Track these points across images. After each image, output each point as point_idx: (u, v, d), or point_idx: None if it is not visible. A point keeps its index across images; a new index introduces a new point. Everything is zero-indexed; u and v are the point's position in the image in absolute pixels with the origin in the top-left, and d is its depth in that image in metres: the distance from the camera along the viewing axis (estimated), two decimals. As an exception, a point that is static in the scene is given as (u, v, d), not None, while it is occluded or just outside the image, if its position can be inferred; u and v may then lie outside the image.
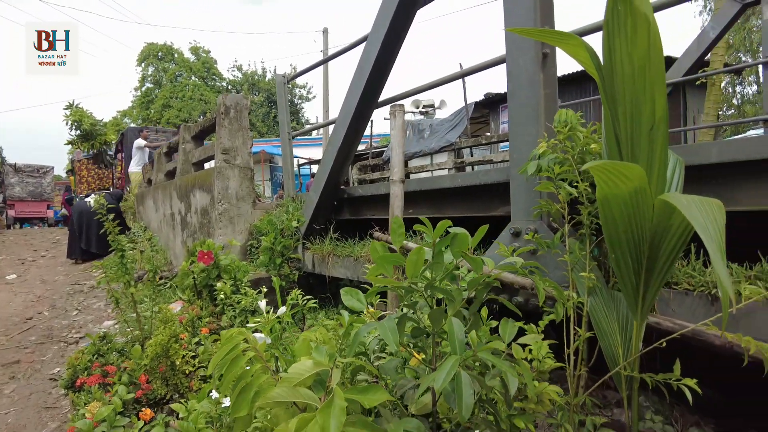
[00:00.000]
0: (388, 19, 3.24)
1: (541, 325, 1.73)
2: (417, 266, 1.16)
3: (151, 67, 35.36)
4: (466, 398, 1.10)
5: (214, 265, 3.57)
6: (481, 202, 3.19)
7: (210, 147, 5.60)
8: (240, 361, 1.19)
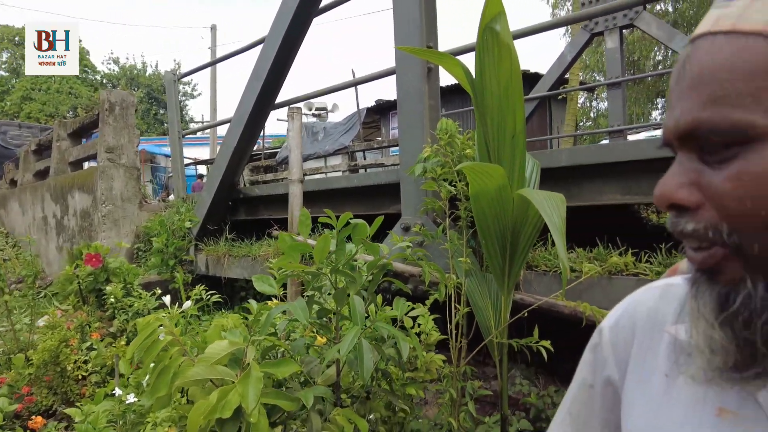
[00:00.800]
0: (285, 25, 3.37)
1: (427, 304, 1.99)
2: (324, 252, 1.34)
3: (6, 52, 31.40)
4: (366, 362, 1.30)
5: (103, 269, 3.42)
6: (375, 201, 3.44)
7: (90, 145, 5.27)
8: (158, 345, 1.28)
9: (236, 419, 1.20)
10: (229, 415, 1.15)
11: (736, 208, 0.38)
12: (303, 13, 3.33)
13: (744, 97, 0.36)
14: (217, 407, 1.15)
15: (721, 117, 0.37)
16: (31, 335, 3.28)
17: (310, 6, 3.32)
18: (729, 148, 0.38)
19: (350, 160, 10.30)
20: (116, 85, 32.57)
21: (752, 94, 0.36)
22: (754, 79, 0.36)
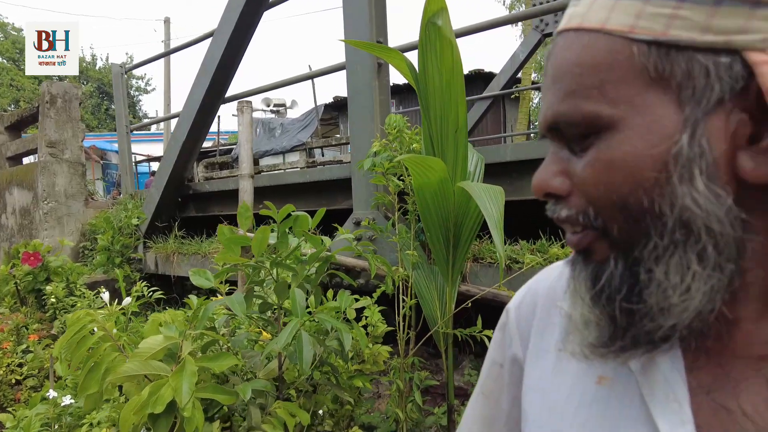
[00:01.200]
0: (235, 18, 3.31)
1: (374, 297, 2.01)
2: (262, 244, 1.33)
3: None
4: (305, 354, 1.29)
5: (43, 267, 3.28)
6: (328, 196, 3.43)
7: (30, 139, 5.02)
8: (88, 341, 1.24)
9: (170, 414, 1.18)
10: (161, 409, 1.12)
11: (594, 193, 0.40)
12: (252, 6, 3.28)
13: (591, 90, 0.39)
14: (149, 402, 1.13)
15: (574, 109, 0.40)
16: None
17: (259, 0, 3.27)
18: (586, 138, 0.40)
19: (308, 157, 10.21)
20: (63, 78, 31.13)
21: (597, 87, 0.38)
22: (597, 72, 0.38)
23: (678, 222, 0.37)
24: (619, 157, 0.38)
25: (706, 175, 0.36)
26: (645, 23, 0.37)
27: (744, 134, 0.36)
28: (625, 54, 0.37)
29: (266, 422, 1.37)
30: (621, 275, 0.40)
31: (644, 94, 0.37)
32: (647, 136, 0.37)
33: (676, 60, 0.36)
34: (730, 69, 0.35)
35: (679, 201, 0.36)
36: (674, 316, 0.38)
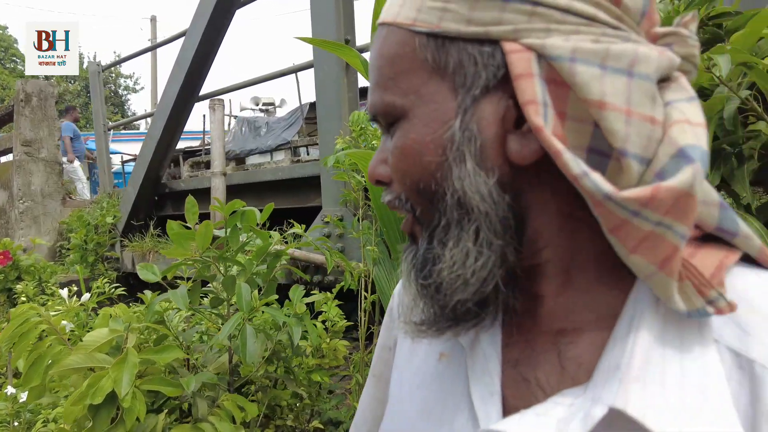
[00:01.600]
0: (207, 16, 3.32)
1: (333, 292, 2.03)
2: (206, 239, 1.35)
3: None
4: (249, 347, 1.32)
5: (13, 266, 3.27)
6: (301, 193, 3.46)
7: (6, 138, 5.00)
8: (32, 334, 1.25)
9: (111, 406, 1.20)
10: (99, 400, 1.14)
11: (397, 178, 0.44)
12: (224, 5, 3.30)
13: (388, 81, 0.42)
14: (88, 393, 1.15)
15: (378, 99, 0.43)
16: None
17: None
18: (393, 127, 0.43)
19: (293, 156, 10.20)
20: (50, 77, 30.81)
21: (392, 78, 0.41)
22: (392, 64, 0.41)
23: (455, 202, 0.40)
24: (409, 143, 0.41)
25: (474, 158, 0.39)
26: (424, 16, 0.40)
27: (511, 119, 0.39)
28: (411, 46, 0.40)
29: (214, 414, 1.39)
30: (423, 253, 0.43)
31: (428, 84, 0.40)
32: (430, 123, 0.40)
33: (449, 50, 0.39)
34: (492, 57, 0.38)
35: (454, 183, 0.40)
36: (459, 292, 0.41)
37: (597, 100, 0.35)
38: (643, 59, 0.36)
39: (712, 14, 1.24)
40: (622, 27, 0.38)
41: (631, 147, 0.35)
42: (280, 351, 1.70)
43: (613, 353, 0.38)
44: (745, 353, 0.36)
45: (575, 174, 0.35)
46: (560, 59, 0.36)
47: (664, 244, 0.35)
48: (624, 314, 0.40)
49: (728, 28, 1.19)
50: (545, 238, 0.42)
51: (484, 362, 0.46)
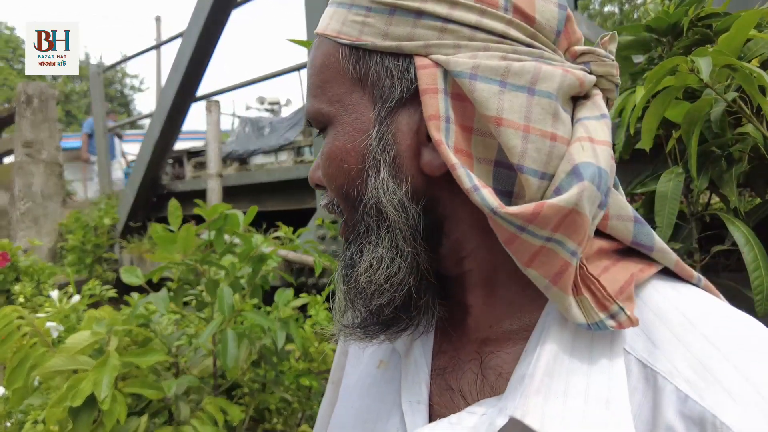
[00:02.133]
0: (203, 16, 3.34)
1: (323, 295, 2.04)
2: (188, 243, 1.36)
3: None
4: (230, 351, 1.32)
5: (12, 267, 3.30)
6: (297, 195, 3.46)
7: (8, 140, 5.04)
8: (15, 336, 1.27)
9: (91, 408, 1.21)
10: (79, 403, 1.15)
11: (325, 182, 0.45)
12: (221, 6, 3.31)
13: (316, 89, 0.43)
14: (68, 395, 1.16)
15: (309, 105, 0.44)
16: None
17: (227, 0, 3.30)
18: (323, 133, 0.45)
19: (296, 156, 10.23)
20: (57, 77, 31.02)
21: (320, 86, 0.43)
22: (320, 73, 0.43)
23: (372, 209, 0.41)
24: (332, 150, 0.43)
25: (388, 167, 0.40)
26: (347, 29, 0.41)
27: (424, 131, 0.40)
28: (336, 56, 0.42)
29: (196, 417, 1.40)
30: (347, 258, 0.45)
31: (351, 94, 0.42)
32: (350, 132, 0.42)
33: (368, 62, 0.41)
34: (406, 71, 0.40)
35: (371, 190, 0.41)
36: (376, 296, 0.42)
37: (494, 116, 0.36)
38: (545, 77, 0.37)
39: (701, 15, 1.23)
40: (536, 45, 0.39)
41: (528, 162, 0.36)
42: (268, 355, 1.70)
43: (523, 365, 0.39)
44: (651, 365, 0.36)
45: (467, 188, 0.36)
46: (461, 75, 0.37)
47: (556, 259, 0.36)
48: (537, 326, 0.41)
49: (717, 29, 1.18)
50: (466, 248, 0.43)
51: (415, 370, 0.47)
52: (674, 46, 1.52)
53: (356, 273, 0.43)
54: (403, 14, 0.39)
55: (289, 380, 1.88)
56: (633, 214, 0.41)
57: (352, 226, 0.44)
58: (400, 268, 0.41)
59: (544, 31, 0.39)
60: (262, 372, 1.79)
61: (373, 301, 0.42)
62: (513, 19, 0.38)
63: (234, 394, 1.82)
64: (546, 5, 0.39)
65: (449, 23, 0.38)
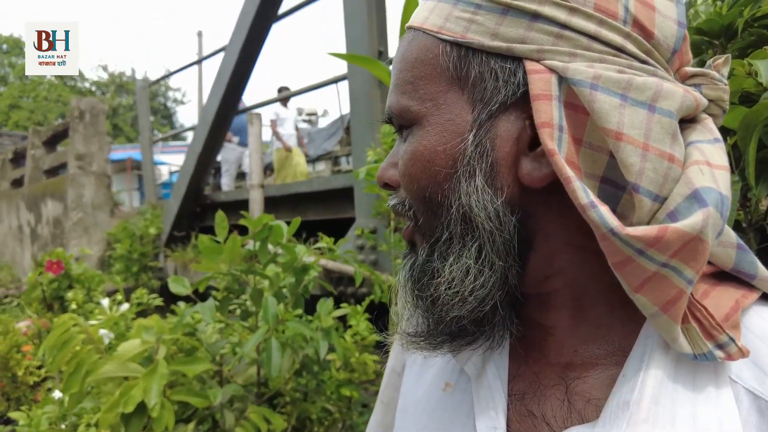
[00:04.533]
0: (244, 33, 3.43)
1: (363, 306, 2.04)
2: (233, 253, 1.38)
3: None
4: (274, 360, 1.33)
5: (65, 275, 3.44)
6: (336, 205, 3.49)
7: (63, 153, 5.29)
8: (71, 343, 1.31)
9: (141, 415, 1.23)
10: (130, 409, 1.18)
11: (404, 183, 0.42)
12: (262, 20, 3.39)
13: (407, 84, 0.41)
14: (120, 402, 1.19)
15: (395, 101, 0.42)
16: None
17: (268, 13, 3.37)
18: (406, 131, 0.42)
19: (333, 166, 10.34)
20: (105, 92, 32.52)
21: (412, 82, 0.41)
22: (413, 68, 0.41)
23: (460, 216, 0.39)
24: (420, 150, 0.40)
25: (484, 174, 0.38)
26: (450, 25, 0.39)
27: (526, 140, 0.38)
28: (435, 52, 0.40)
29: (241, 426, 1.42)
30: (422, 264, 0.42)
31: (446, 93, 0.39)
32: (443, 133, 0.39)
33: (471, 62, 0.38)
34: (513, 75, 0.37)
35: (461, 197, 0.39)
36: (455, 308, 0.40)
37: (614, 130, 0.34)
38: (666, 95, 0.35)
39: (758, 15, 1.18)
40: (650, 62, 0.37)
41: (644, 183, 0.35)
42: (310, 364, 1.71)
43: (622, 391, 0.37)
44: (764, 395, 0.34)
45: (583, 204, 0.34)
46: (581, 84, 0.35)
47: (668, 287, 0.34)
48: (635, 350, 0.38)
49: (776, 30, 1.12)
50: (554, 266, 0.41)
51: (489, 394, 0.44)
52: (728, 48, 1.46)
53: (436, 282, 0.40)
54: (517, 15, 0.37)
55: (330, 390, 1.88)
56: (736, 240, 0.39)
57: (429, 231, 0.42)
58: (487, 282, 0.39)
59: (660, 48, 0.37)
60: (304, 381, 1.80)
61: (451, 312, 0.40)
62: (631, 32, 0.36)
63: (276, 402, 1.83)
64: (666, 21, 0.37)
65: (566, 30, 0.36)
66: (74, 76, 32.52)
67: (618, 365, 0.39)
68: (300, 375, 1.77)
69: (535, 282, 0.42)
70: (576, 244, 0.40)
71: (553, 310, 0.42)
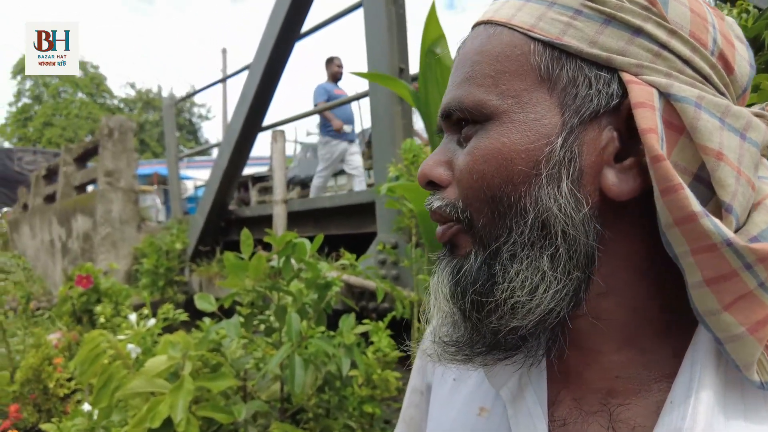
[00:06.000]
0: (267, 52, 3.50)
1: (384, 322, 2.04)
2: (258, 270, 1.40)
3: (29, 80, 32.53)
4: (298, 377, 1.35)
5: (94, 289, 3.53)
6: (357, 220, 3.51)
7: (93, 170, 5.45)
8: (101, 359, 1.35)
9: (168, 430, 1.25)
10: (157, 424, 1.20)
11: (466, 182, 0.41)
12: (285, 39, 3.46)
13: (486, 78, 0.40)
14: (147, 417, 1.21)
15: (467, 94, 0.41)
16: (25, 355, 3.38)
17: (291, 33, 3.45)
18: (473, 126, 0.41)
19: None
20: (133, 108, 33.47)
21: (492, 76, 0.40)
22: (495, 63, 0.40)
23: (538, 221, 0.38)
24: (497, 147, 0.39)
25: (571, 181, 0.38)
26: (545, 25, 0.39)
27: (612, 151, 0.38)
28: (524, 50, 0.39)
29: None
30: (478, 268, 0.41)
31: (532, 92, 0.39)
32: (526, 132, 0.38)
33: (565, 65, 0.38)
34: (608, 85, 0.38)
35: (543, 200, 0.38)
36: (519, 317, 0.39)
37: (716, 149, 0.35)
38: (756, 127, 0.37)
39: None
40: (727, 95, 0.38)
41: (736, 204, 0.35)
42: (332, 380, 1.72)
43: (672, 417, 0.36)
44: None
45: (696, 212, 0.33)
46: (686, 101, 0.35)
47: (760, 307, 0.34)
48: (681, 376, 0.38)
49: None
50: (610, 286, 0.40)
51: (529, 421, 0.43)
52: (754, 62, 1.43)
53: (500, 287, 0.39)
54: (619, 27, 0.37)
55: (353, 406, 1.88)
56: None
57: (491, 234, 0.40)
58: (560, 292, 0.38)
59: (735, 84, 0.39)
60: (327, 397, 1.80)
61: (511, 322, 0.39)
62: (716, 64, 0.38)
63: (299, 418, 1.83)
64: (742, 61, 0.39)
65: (665, 50, 0.37)
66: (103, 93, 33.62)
67: (663, 392, 0.38)
68: (323, 391, 1.78)
69: (587, 301, 0.40)
70: (635, 266, 0.39)
71: (602, 332, 0.41)
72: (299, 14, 3.40)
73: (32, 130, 30.70)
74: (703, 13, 0.38)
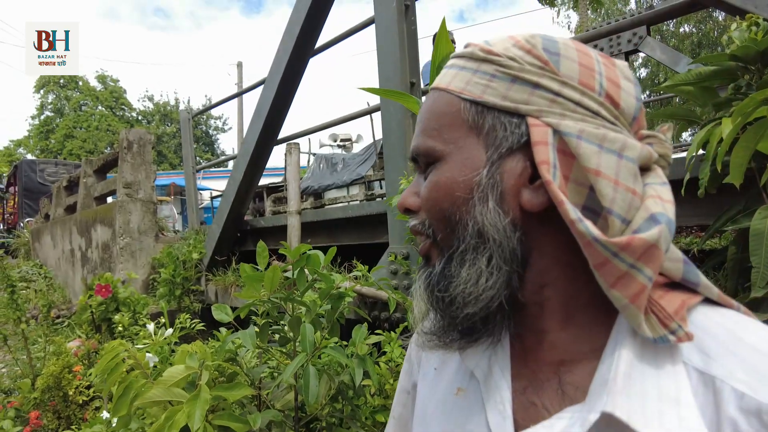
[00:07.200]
0: (282, 67, 3.57)
1: (397, 332, 2.06)
2: (273, 282, 1.44)
3: (51, 94, 33.35)
4: (312, 387, 1.37)
5: (113, 298, 3.60)
6: (370, 230, 3.54)
7: (112, 181, 5.57)
8: (120, 368, 1.39)
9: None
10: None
11: (426, 206, 0.54)
12: (299, 55, 3.53)
13: (433, 131, 0.53)
14: (165, 426, 1.25)
15: (423, 142, 0.54)
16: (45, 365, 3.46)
17: (306, 47, 3.51)
18: (431, 166, 0.54)
19: (367, 190, 10.45)
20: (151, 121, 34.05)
21: (437, 129, 0.53)
22: (439, 118, 0.53)
23: (475, 232, 0.50)
24: (443, 180, 0.52)
25: (495, 200, 0.50)
26: (471, 88, 0.52)
27: (526, 176, 0.50)
28: (457, 107, 0.52)
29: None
30: (440, 272, 0.53)
31: (465, 138, 0.52)
32: (462, 168, 0.51)
33: (486, 116, 0.51)
34: (519, 127, 0.50)
35: (477, 216, 0.50)
36: (470, 305, 0.50)
37: (594, 168, 0.46)
38: (630, 147, 0.48)
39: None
40: (617, 124, 0.49)
41: (615, 208, 0.46)
42: (345, 390, 1.74)
43: (601, 373, 0.47)
44: (708, 372, 0.43)
45: (572, 219, 0.45)
46: (570, 135, 0.47)
47: (635, 283, 0.45)
48: (609, 343, 0.48)
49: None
50: (547, 278, 0.51)
51: (497, 392, 0.53)
52: (765, 74, 1.44)
53: (454, 284, 0.51)
54: (523, 84, 0.49)
55: (365, 416, 1.90)
56: (682, 257, 0.49)
57: (447, 244, 0.52)
58: (495, 283, 0.49)
59: (624, 115, 0.50)
60: (340, 407, 1.83)
61: (465, 309, 0.50)
62: (604, 102, 0.49)
63: (312, 427, 1.86)
64: (628, 98, 0.50)
65: (558, 97, 0.49)
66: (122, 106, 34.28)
67: (598, 358, 0.48)
68: (336, 401, 1.80)
69: (531, 292, 0.52)
70: (565, 261, 0.50)
71: (547, 316, 0.52)
72: (313, 30, 3.47)
73: (54, 142, 31.41)
74: (591, 65, 0.50)
